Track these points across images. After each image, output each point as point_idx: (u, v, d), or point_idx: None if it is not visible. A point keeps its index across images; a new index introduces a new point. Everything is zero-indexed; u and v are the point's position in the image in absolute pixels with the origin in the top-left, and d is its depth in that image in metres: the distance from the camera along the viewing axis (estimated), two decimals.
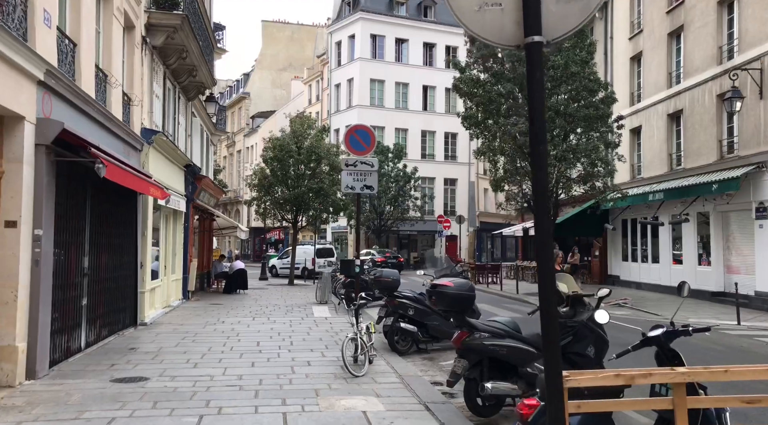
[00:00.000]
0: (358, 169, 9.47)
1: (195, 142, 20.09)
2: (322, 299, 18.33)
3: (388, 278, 10.29)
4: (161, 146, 14.05)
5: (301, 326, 13.26)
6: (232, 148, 67.96)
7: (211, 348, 10.15)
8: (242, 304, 18.16)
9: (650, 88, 22.87)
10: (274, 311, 16.37)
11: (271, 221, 30.09)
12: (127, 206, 12.27)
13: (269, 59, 67.49)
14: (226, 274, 22.85)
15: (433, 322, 10.34)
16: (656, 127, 22.40)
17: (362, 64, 46.06)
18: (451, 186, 48.66)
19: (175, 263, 17.40)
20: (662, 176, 21.72)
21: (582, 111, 19.28)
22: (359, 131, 9.70)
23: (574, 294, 6.90)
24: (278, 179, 26.74)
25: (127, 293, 12.23)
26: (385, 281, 10.30)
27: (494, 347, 6.33)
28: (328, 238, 47.90)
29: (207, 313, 15.53)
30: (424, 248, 47.79)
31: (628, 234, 24.85)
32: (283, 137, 27.16)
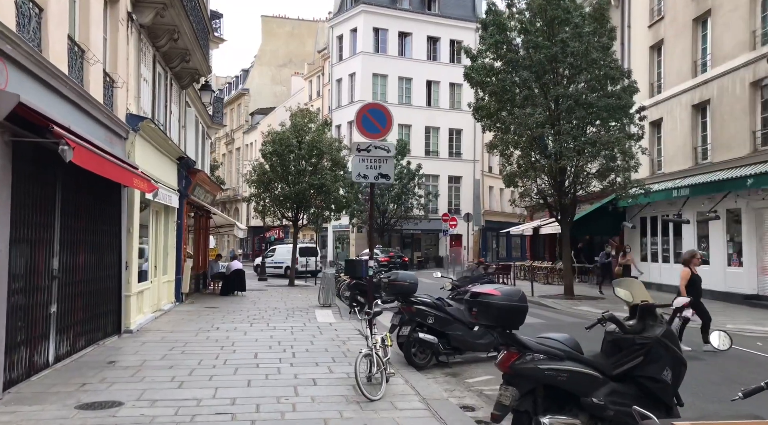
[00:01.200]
0: (372, 154, 8.15)
1: (189, 134, 18.80)
2: (325, 302, 17.03)
3: (404, 281, 8.98)
4: (149, 134, 12.75)
5: (304, 333, 11.96)
6: (231, 145, 66.65)
7: (201, 362, 8.85)
8: (239, 307, 16.86)
9: (673, 78, 21.56)
10: (274, 315, 15.08)
11: (270, 219, 28.76)
12: (110, 200, 10.97)
13: (269, 55, 66.16)
14: (222, 275, 21.55)
15: (455, 332, 9.05)
16: (679, 119, 21.10)
17: (364, 59, 44.75)
18: (455, 184, 47.37)
19: (167, 264, 16.10)
20: (686, 171, 20.43)
21: (603, 101, 17.98)
22: (373, 111, 8.33)
23: (644, 304, 5.60)
24: (278, 175, 25.45)
25: (110, 298, 10.92)
26: (401, 285, 8.99)
27: (552, 372, 5.03)
28: (329, 237, 46.62)
29: (201, 318, 14.23)
30: (427, 247, 46.51)
31: (647, 233, 23.56)
32: (283, 131, 25.85)
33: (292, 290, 23.23)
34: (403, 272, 9.34)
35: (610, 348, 5.67)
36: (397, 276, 9.08)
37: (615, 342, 5.66)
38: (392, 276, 9.08)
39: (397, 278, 9.02)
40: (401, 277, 9.07)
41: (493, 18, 19.43)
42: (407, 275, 9.20)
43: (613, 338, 5.69)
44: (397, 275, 9.11)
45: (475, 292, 5.35)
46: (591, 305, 17.98)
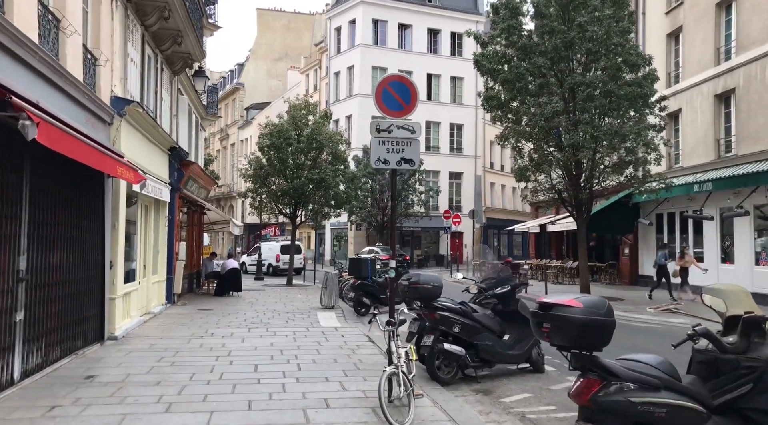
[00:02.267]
0: (394, 136, 6.91)
1: (182, 124, 17.59)
2: (328, 304, 15.87)
3: (427, 283, 7.81)
4: (137, 120, 11.55)
5: (308, 339, 10.80)
6: (226, 141, 65.36)
7: (194, 376, 7.68)
8: (236, 309, 15.69)
9: (693, 67, 20.46)
10: (273, 318, 13.91)
11: (267, 215, 27.57)
12: (92, 191, 9.78)
13: (264, 49, 64.85)
14: (217, 274, 20.37)
15: (484, 342, 7.91)
16: (700, 109, 20.00)
17: (363, 51, 43.53)
18: (456, 180, 46.23)
19: (157, 262, 14.92)
20: (708, 165, 19.33)
21: (624, 89, 16.85)
22: (396, 84, 7.09)
23: (750, 317, 4.46)
24: (276, 170, 24.25)
25: (91, 301, 9.74)
26: (424, 289, 7.82)
27: (647, 407, 3.90)
28: (327, 235, 45.42)
29: (194, 322, 13.04)
30: (428, 245, 45.37)
31: (663, 230, 22.47)
32: (281, 123, 24.63)
33: (291, 290, 22.06)
34: (425, 274, 8.16)
35: (703, 371, 4.54)
36: (419, 278, 7.91)
37: (710, 363, 4.53)
38: (413, 278, 7.90)
39: (419, 281, 7.85)
40: (424, 279, 7.90)
41: (506, 1, 18.28)
42: (431, 277, 8.02)
43: (706, 358, 4.57)
44: (418, 277, 7.94)
45: (547, 303, 4.19)
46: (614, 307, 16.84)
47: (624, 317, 14.81)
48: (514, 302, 8.36)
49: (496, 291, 8.35)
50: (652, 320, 14.51)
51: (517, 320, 8.35)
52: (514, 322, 8.31)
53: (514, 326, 8.30)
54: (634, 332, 12.62)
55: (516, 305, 8.32)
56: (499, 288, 8.40)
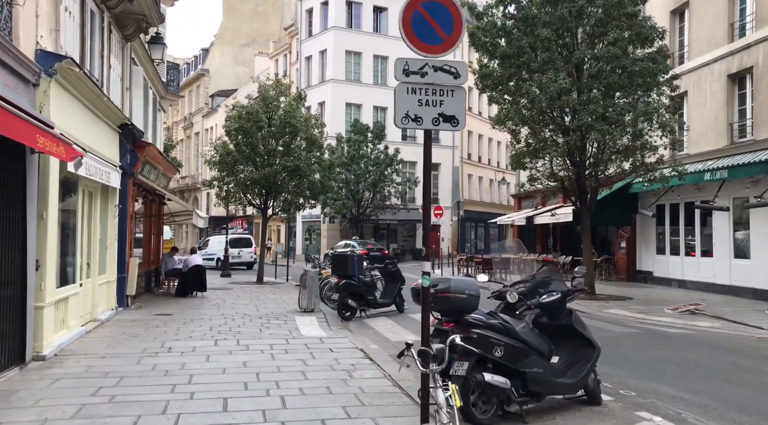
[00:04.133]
0: (429, 82, 4.83)
1: (137, 99, 15.22)
2: (307, 307, 13.78)
3: (461, 292, 5.76)
4: (74, 83, 9.27)
5: (290, 356, 8.72)
6: (190, 130, 62.27)
7: (139, 421, 5.56)
8: (200, 313, 13.49)
9: (701, 45, 18.88)
10: (245, 325, 11.77)
11: (234, 207, 25.24)
12: (6, 169, 7.51)
13: (231, 34, 61.85)
14: (179, 272, 18.07)
15: (533, 369, 5.93)
16: (710, 91, 18.44)
17: (337, 34, 41.22)
18: (433, 171, 44.21)
19: (105, 260, 12.62)
20: (719, 151, 17.80)
21: (638, 64, 15.14)
22: (432, 5, 4.98)
23: None
24: (244, 156, 21.97)
25: (7, 312, 7.48)
26: (456, 299, 5.76)
27: None
28: (298, 228, 43.09)
29: (148, 331, 10.82)
30: (404, 239, 43.44)
31: (665, 222, 20.95)
32: (250, 104, 22.33)
33: (262, 290, 19.86)
34: (456, 279, 6.09)
35: None
36: (449, 285, 5.83)
37: None
38: (440, 284, 5.83)
39: (450, 288, 5.79)
40: (456, 286, 5.83)
41: None
42: (464, 283, 5.95)
43: None
44: (448, 283, 5.85)
45: None
46: (621, 307, 15.20)
47: (644, 321, 13.13)
48: (566, 313, 6.44)
49: (543, 300, 6.39)
50: (676, 323, 12.82)
51: (568, 337, 6.44)
52: (564, 340, 6.40)
53: (564, 345, 6.39)
54: (667, 339, 10.86)
55: (569, 318, 6.40)
56: (545, 296, 6.45)
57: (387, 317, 13.65)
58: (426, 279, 5.24)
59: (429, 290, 5.33)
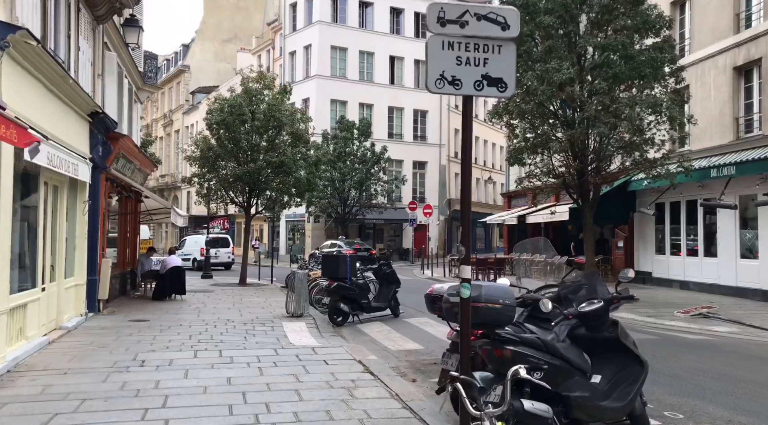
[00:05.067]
0: (469, 33, 3.83)
1: (110, 87, 14.07)
2: (296, 312, 12.74)
3: (494, 301, 4.73)
4: (32, 60, 8.16)
5: (280, 370, 7.70)
6: (170, 127, 60.75)
7: None
8: (178, 319, 12.40)
9: (705, 37, 18.18)
10: (228, 332, 10.72)
11: (216, 205, 24.08)
12: None
13: (212, 29, 60.43)
14: (156, 274, 16.92)
15: (576, 392, 4.95)
16: (714, 85, 17.74)
17: (321, 29, 40.16)
18: (420, 170, 43.50)
19: (73, 261, 11.49)
20: (724, 147, 17.10)
21: (646, 54, 14.36)
22: None
23: None
24: (226, 151, 20.85)
25: None
26: (489, 310, 4.75)
27: None
28: (282, 228, 41.93)
29: (120, 341, 9.72)
30: (391, 238, 42.49)
31: (665, 221, 20.23)
32: (233, 97, 21.21)
33: (245, 292, 18.76)
34: (489, 286, 5.08)
35: None
36: (480, 292, 4.83)
37: None
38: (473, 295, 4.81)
39: (481, 296, 4.79)
40: (488, 294, 4.81)
41: None
42: (498, 291, 4.93)
43: None
44: (479, 291, 4.85)
45: None
46: (628, 309, 14.33)
47: (656, 326, 12.32)
48: (609, 324, 5.49)
49: (583, 309, 5.43)
50: (692, 328, 12.01)
51: (610, 352, 5.49)
52: (605, 355, 5.45)
53: (607, 361, 5.42)
54: (690, 347, 10.01)
55: (615, 330, 5.45)
56: (585, 304, 5.49)
57: (382, 323, 12.67)
58: (466, 288, 4.24)
59: (469, 302, 4.32)
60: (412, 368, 8.48)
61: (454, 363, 5.69)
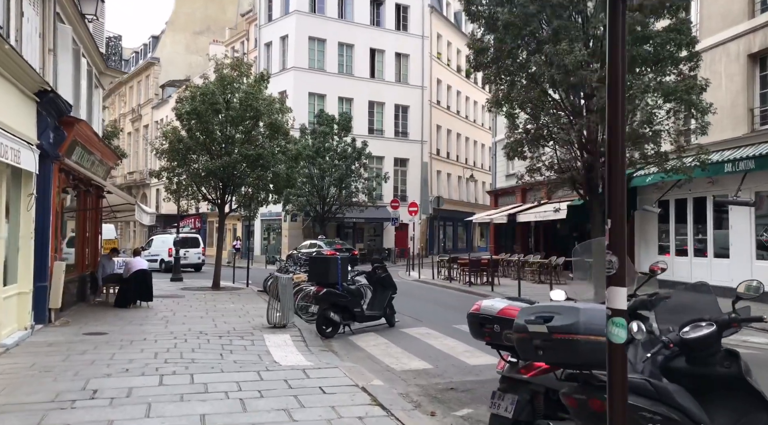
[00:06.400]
0: None
1: (63, 65, 12.28)
2: (279, 322, 11.15)
3: (597, 332, 3.05)
4: None
5: (267, 403, 6.15)
6: (138, 122, 58.33)
7: None
8: (142, 331, 10.73)
9: (715, 23, 17.06)
10: (200, 348, 9.12)
11: (186, 202, 22.27)
12: None
13: (183, 20, 58.18)
14: (119, 277, 15.17)
15: None
16: (725, 74, 16.63)
17: (299, 19, 38.45)
18: (401, 167, 42.05)
19: (16, 266, 9.75)
20: (738, 140, 16.01)
21: (665, 34, 13.12)
22: None
23: None
24: (198, 143, 19.12)
25: None
26: (590, 345, 3.10)
27: None
28: (257, 227, 40.09)
29: (69, 362, 8.05)
30: (371, 238, 40.95)
31: (669, 219, 19.10)
32: (206, 84, 19.48)
33: (219, 297, 17.09)
34: (586, 308, 3.45)
35: None
36: (577, 318, 3.26)
37: None
38: (557, 317, 3.24)
39: (579, 325, 3.22)
40: (589, 322, 3.22)
41: None
42: (600, 316, 3.35)
43: None
44: (574, 316, 3.27)
45: None
46: None
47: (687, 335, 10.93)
48: (722, 356, 4.04)
49: (686, 334, 3.97)
50: None
51: (722, 393, 4.05)
52: (715, 398, 4.02)
53: (720, 405, 4.00)
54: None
55: (734, 365, 4.00)
56: (689, 327, 4.03)
57: (377, 334, 11.16)
58: (619, 326, 2.74)
59: (621, 349, 2.80)
60: (426, 395, 7.00)
61: (509, 407, 4.21)
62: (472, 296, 18.41)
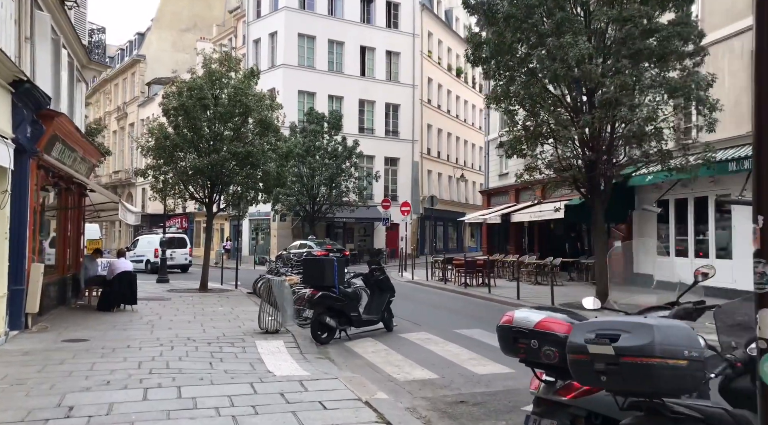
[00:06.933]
0: None
1: (42, 55, 11.59)
2: (271, 327, 10.56)
3: (675, 355, 2.45)
4: None
5: (261, 421, 5.57)
6: (124, 121, 57.29)
7: None
8: (126, 337, 10.10)
9: (717, 19, 16.68)
10: (188, 357, 8.51)
11: (173, 201, 21.56)
12: None
13: (169, 17, 57.25)
14: (102, 279, 14.49)
15: None
16: (728, 70, 16.25)
17: (288, 15, 37.80)
18: (392, 167, 41.51)
19: None
20: (740, 138, 15.59)
21: (672, 28, 12.68)
22: None
23: None
24: (185, 141, 18.46)
25: None
26: (668, 370, 2.50)
27: None
28: (245, 227, 39.37)
29: (45, 373, 7.41)
30: (361, 238, 40.37)
31: (669, 220, 18.71)
32: (193, 79, 18.83)
33: (207, 299, 16.45)
34: (661, 324, 2.90)
35: None
36: (652, 337, 2.60)
37: None
38: (624, 336, 2.65)
39: (654, 346, 2.57)
40: (666, 341, 2.59)
41: None
42: (677, 333, 2.72)
43: None
44: (650, 335, 2.63)
45: None
46: None
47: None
48: None
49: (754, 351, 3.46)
50: None
51: None
52: None
53: None
54: None
55: None
56: None
57: (375, 340, 10.61)
58: None
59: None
60: (435, 409, 6.45)
61: None
62: (468, 298, 17.92)
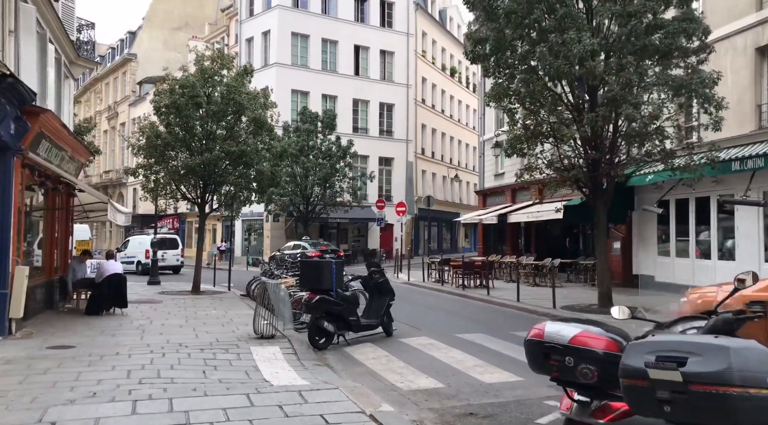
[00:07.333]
0: None
1: (26, 49, 11.15)
2: (266, 332, 10.16)
3: (759, 384, 2.14)
4: None
5: None
6: (115, 120, 56.66)
7: None
8: (114, 344, 9.67)
9: (720, 16, 16.40)
10: (180, 364, 8.10)
11: (164, 201, 21.08)
12: None
13: (161, 16, 56.66)
14: (91, 282, 14.03)
15: None
16: (732, 68, 15.98)
17: (281, 14, 37.37)
18: (386, 167, 41.15)
19: None
20: (744, 137, 15.37)
21: (677, 24, 12.39)
22: None
23: None
24: (177, 139, 18.02)
25: None
26: (749, 402, 2.16)
27: None
28: (238, 227, 38.89)
29: (26, 384, 6.99)
30: (355, 239, 39.98)
31: (669, 220, 18.43)
32: (185, 76, 18.38)
33: (200, 302, 16.02)
34: (738, 346, 2.42)
35: None
36: (731, 364, 2.20)
37: None
38: (693, 359, 2.26)
39: (733, 374, 2.22)
40: (745, 368, 2.23)
41: None
42: (758, 357, 2.36)
43: None
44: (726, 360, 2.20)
45: None
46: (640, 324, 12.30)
47: None
48: None
49: None
50: None
51: None
52: None
53: None
54: None
55: None
56: None
57: (375, 345, 10.23)
58: None
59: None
60: (443, 422, 6.09)
61: None
62: (466, 300, 17.57)
